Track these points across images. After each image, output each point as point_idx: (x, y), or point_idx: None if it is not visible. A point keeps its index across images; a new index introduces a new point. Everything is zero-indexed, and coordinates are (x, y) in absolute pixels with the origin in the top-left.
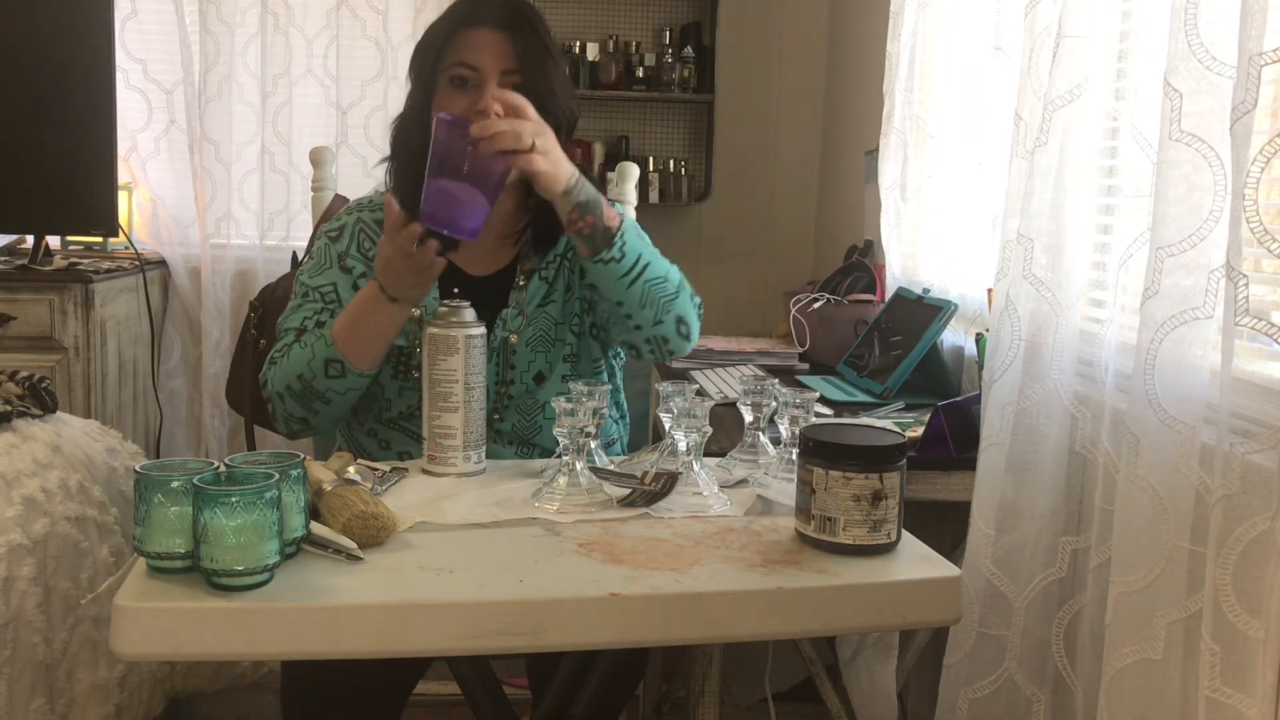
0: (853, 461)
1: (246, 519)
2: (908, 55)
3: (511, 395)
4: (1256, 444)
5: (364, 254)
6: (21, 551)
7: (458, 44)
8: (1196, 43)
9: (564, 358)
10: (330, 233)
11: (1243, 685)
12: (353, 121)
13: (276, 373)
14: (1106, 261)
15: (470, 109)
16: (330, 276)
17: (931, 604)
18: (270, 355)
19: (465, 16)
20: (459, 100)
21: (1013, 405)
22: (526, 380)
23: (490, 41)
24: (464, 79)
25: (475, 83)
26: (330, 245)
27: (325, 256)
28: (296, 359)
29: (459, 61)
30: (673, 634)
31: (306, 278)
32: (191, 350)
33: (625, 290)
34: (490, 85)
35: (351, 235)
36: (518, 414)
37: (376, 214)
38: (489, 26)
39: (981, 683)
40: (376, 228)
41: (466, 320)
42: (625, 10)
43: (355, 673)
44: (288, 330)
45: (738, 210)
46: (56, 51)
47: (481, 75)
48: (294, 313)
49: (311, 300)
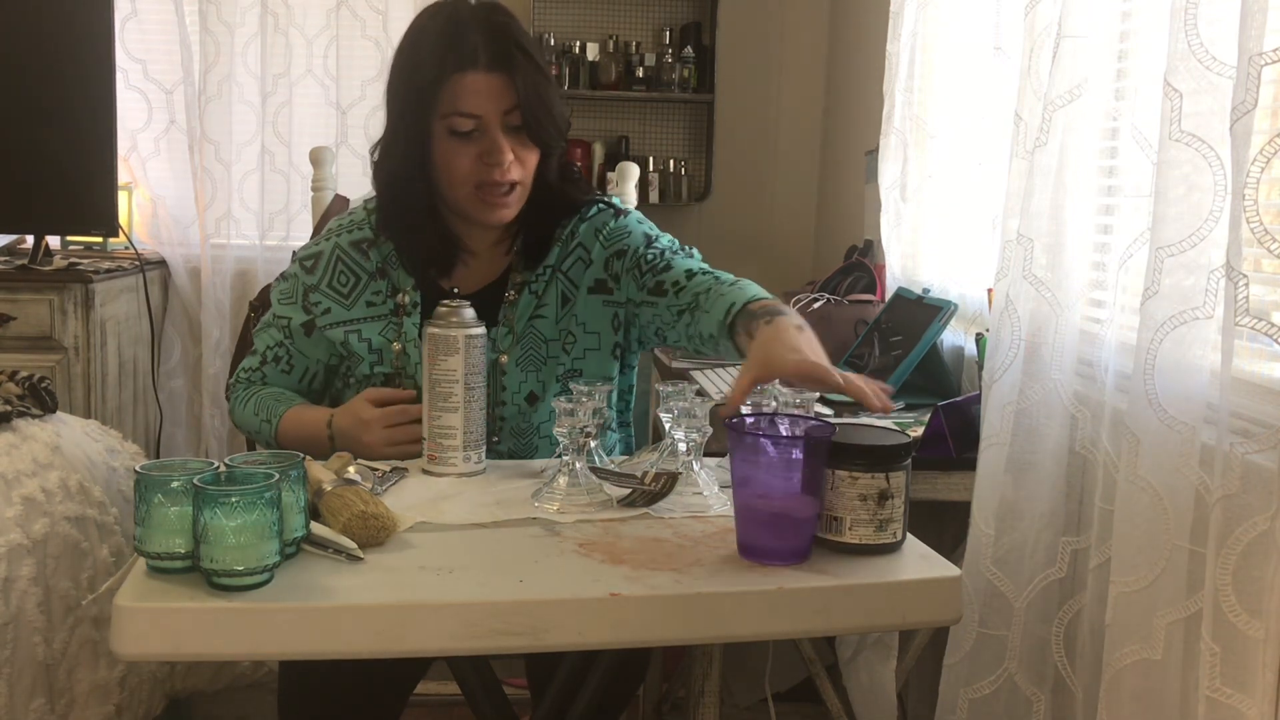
0: (859, 461)
1: (246, 519)
2: (908, 55)
3: (504, 417)
4: (1256, 444)
5: (335, 289)
6: (21, 551)
7: (452, 92)
8: (1196, 43)
9: (557, 377)
10: (306, 260)
11: (1243, 685)
12: (353, 121)
13: (236, 407)
14: (1106, 261)
15: (479, 160)
16: (290, 310)
17: (931, 604)
18: (238, 373)
19: (454, 61)
20: (464, 152)
21: (1013, 405)
22: (519, 401)
23: (486, 86)
24: (465, 130)
25: (478, 129)
26: (301, 276)
27: (294, 287)
28: (249, 419)
29: (457, 111)
30: (673, 634)
31: (276, 299)
32: (191, 350)
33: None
34: (495, 133)
35: (326, 266)
36: (513, 437)
37: (354, 235)
38: (482, 70)
39: (981, 683)
40: (353, 253)
41: (466, 320)
42: (625, 10)
43: (355, 673)
44: (254, 350)
45: (738, 210)
46: (56, 51)
47: (484, 121)
48: (263, 331)
49: (276, 327)
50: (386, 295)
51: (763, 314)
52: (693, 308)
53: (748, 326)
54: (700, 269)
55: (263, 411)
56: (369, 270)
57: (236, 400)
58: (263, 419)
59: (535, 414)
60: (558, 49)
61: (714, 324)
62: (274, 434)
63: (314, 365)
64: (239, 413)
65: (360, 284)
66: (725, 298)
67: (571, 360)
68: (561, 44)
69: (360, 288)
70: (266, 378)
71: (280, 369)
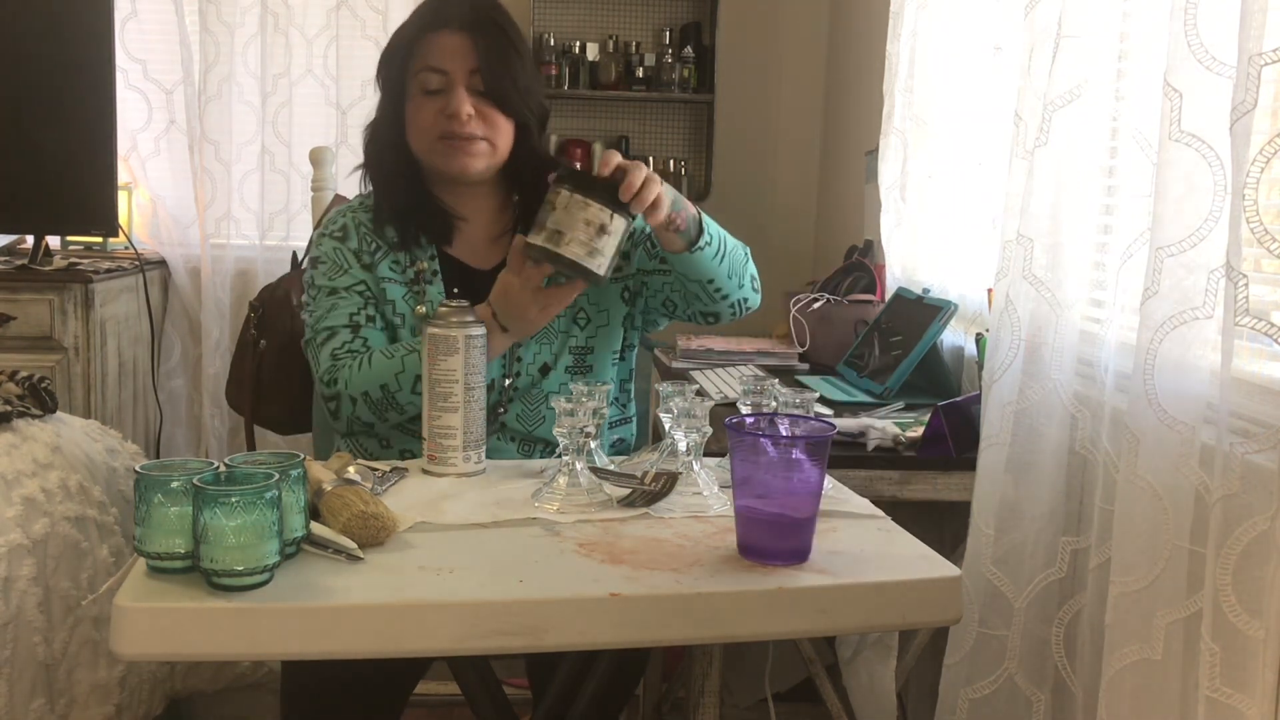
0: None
1: (246, 519)
2: (908, 55)
3: (517, 387)
4: (1256, 444)
5: (365, 250)
6: (21, 551)
7: (424, 48)
8: (1196, 43)
9: (570, 349)
10: (335, 233)
11: (1243, 685)
12: (353, 121)
13: (354, 376)
14: (1106, 261)
15: (441, 113)
16: (357, 275)
17: (931, 604)
18: (331, 353)
19: (430, 20)
20: (429, 106)
21: (1013, 405)
22: (532, 372)
23: (455, 44)
24: (433, 87)
25: (445, 87)
26: (341, 245)
27: (341, 256)
28: (381, 368)
29: (426, 66)
30: (673, 634)
31: (327, 279)
32: (191, 350)
33: (717, 268)
34: (458, 88)
35: (355, 232)
36: (522, 404)
37: (369, 214)
38: (454, 29)
39: (981, 683)
40: (370, 225)
41: (467, 320)
42: (625, 10)
43: (355, 673)
44: (334, 329)
45: (738, 210)
46: (56, 51)
47: (450, 79)
48: (332, 311)
49: (346, 297)
50: (406, 265)
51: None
52: None
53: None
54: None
55: (394, 354)
56: (388, 241)
57: (350, 371)
58: (402, 355)
59: (547, 383)
60: (558, 49)
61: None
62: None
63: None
64: (361, 375)
65: (382, 250)
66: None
67: (585, 336)
68: (561, 44)
69: (383, 254)
70: (368, 342)
71: (378, 327)
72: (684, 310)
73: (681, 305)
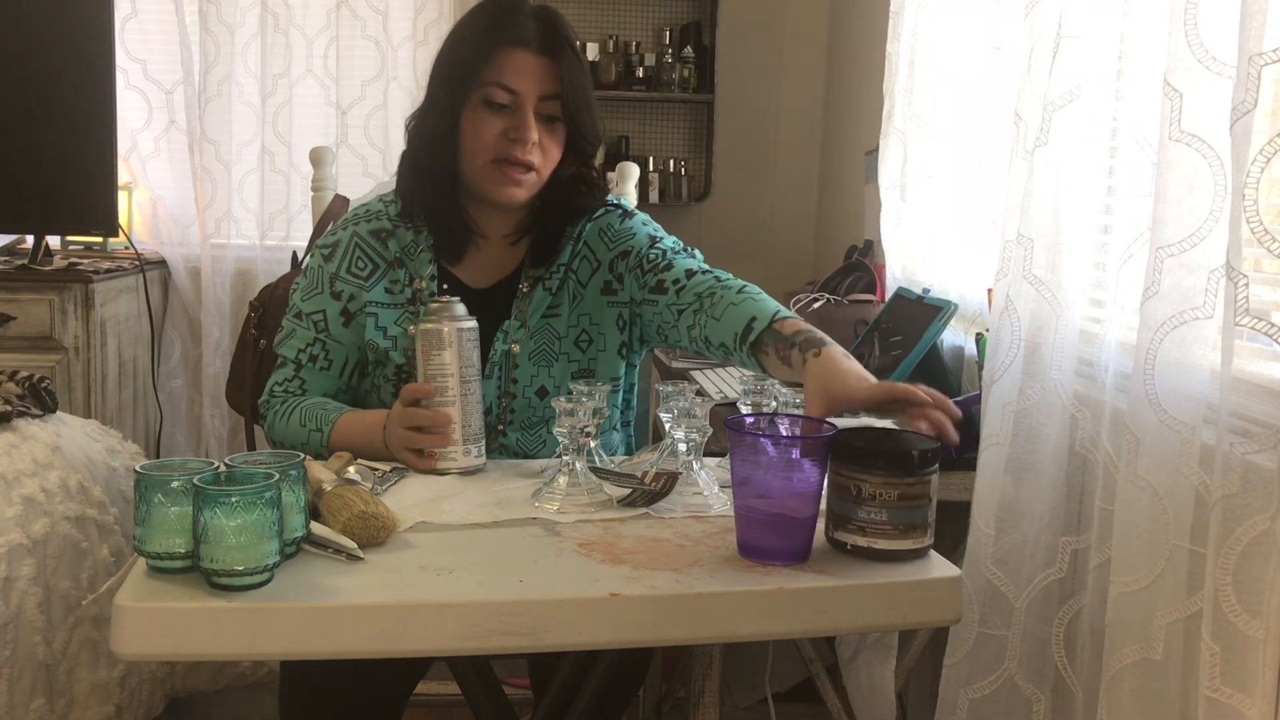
0: (897, 467)
1: (246, 519)
2: (908, 55)
3: (514, 410)
4: (1256, 444)
5: (356, 274)
6: (21, 551)
7: (496, 63)
8: (1196, 43)
9: (572, 375)
10: (324, 249)
11: (1243, 685)
12: (353, 121)
13: (276, 422)
14: (1106, 261)
15: (503, 135)
16: (320, 303)
17: (931, 604)
18: (270, 387)
19: (505, 35)
20: (493, 123)
21: (1013, 405)
22: (529, 394)
23: (532, 66)
24: (500, 102)
25: (512, 106)
26: (323, 266)
27: (317, 278)
28: (295, 431)
29: (497, 83)
30: (673, 634)
31: (299, 298)
32: (191, 350)
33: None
34: (527, 113)
35: (345, 253)
36: (521, 429)
37: (372, 224)
38: (532, 50)
39: (981, 683)
40: (371, 240)
41: (457, 314)
42: (625, 10)
43: (355, 673)
44: (284, 360)
45: (738, 210)
46: (56, 51)
47: (519, 99)
48: (289, 339)
49: (304, 326)
50: (404, 284)
51: (804, 343)
52: (695, 309)
53: (782, 351)
54: (700, 269)
55: (310, 421)
56: (387, 259)
57: (275, 416)
58: (311, 429)
59: (545, 408)
60: None
61: (728, 334)
62: (326, 442)
63: (353, 355)
64: (280, 427)
65: (379, 271)
66: (739, 308)
67: (586, 359)
68: None
69: (378, 275)
70: (305, 384)
71: (319, 368)
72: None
73: (674, 336)
